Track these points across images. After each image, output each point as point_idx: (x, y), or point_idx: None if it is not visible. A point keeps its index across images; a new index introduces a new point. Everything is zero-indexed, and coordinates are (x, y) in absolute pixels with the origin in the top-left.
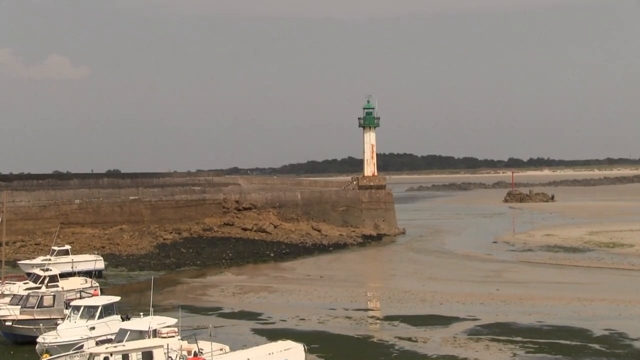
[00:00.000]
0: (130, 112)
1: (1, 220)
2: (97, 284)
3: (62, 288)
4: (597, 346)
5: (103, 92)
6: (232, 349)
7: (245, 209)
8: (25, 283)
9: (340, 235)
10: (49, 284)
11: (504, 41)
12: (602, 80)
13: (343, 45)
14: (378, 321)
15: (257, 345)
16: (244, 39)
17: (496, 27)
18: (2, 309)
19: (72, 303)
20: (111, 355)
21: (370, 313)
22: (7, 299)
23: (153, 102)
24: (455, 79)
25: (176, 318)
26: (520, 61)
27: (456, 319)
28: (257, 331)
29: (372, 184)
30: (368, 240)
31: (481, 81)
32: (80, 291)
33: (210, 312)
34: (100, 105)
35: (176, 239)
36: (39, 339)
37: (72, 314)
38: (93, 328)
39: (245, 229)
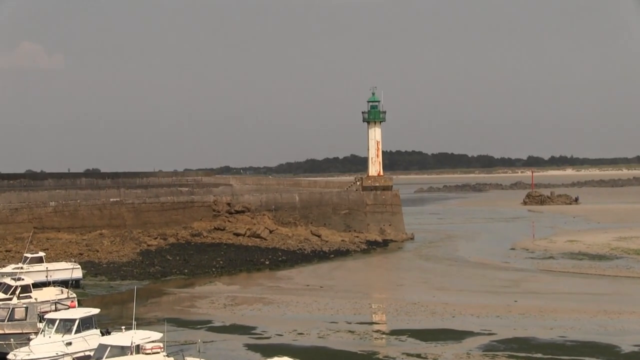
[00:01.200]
0: (110, 106)
1: None
2: (74, 295)
3: (36, 299)
4: None
5: (81, 83)
6: None
7: (237, 212)
8: None
9: (342, 241)
10: (20, 295)
11: (522, 29)
12: (630, 71)
13: (346, 32)
14: (384, 336)
15: None
16: (234, 26)
17: (513, 14)
18: None
19: (47, 316)
20: None
21: (375, 327)
22: None
23: (136, 95)
24: (469, 70)
25: (161, 332)
26: (540, 50)
27: (470, 334)
28: (250, 347)
29: (377, 184)
30: (373, 247)
31: (497, 72)
32: (56, 303)
33: (199, 326)
34: (78, 97)
35: (161, 245)
36: (10, 356)
37: (46, 327)
38: (70, 343)
39: (237, 234)
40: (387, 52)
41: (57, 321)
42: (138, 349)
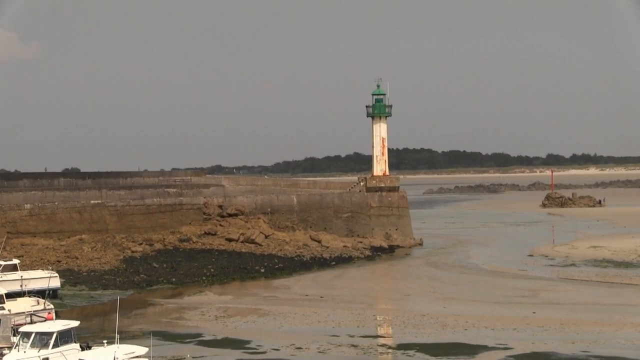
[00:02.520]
0: (91, 99)
1: None
2: (52, 306)
3: (9, 311)
4: None
5: (58, 75)
6: None
7: (230, 215)
8: None
9: (345, 246)
10: None
11: (541, 18)
12: None
13: (348, 19)
14: (390, 350)
15: None
16: (225, 13)
17: (532, 2)
18: None
19: (21, 329)
20: None
21: (381, 340)
22: None
23: (118, 87)
24: (482, 61)
25: (147, 347)
26: (560, 38)
27: (484, 348)
28: None
29: (382, 185)
30: (378, 253)
31: (513, 64)
32: (31, 314)
33: (187, 340)
34: (55, 89)
35: (147, 251)
36: None
37: (21, 342)
38: (46, 359)
39: (230, 240)
40: (394, 41)
41: (33, 335)
42: None
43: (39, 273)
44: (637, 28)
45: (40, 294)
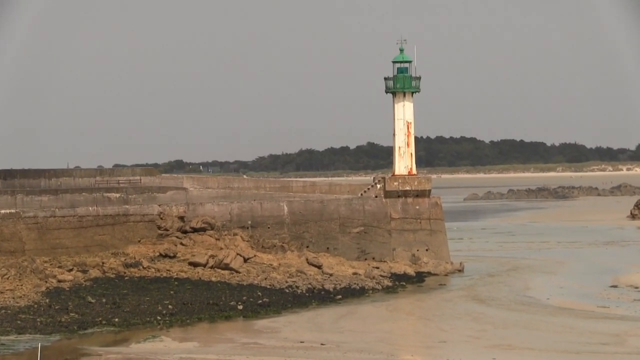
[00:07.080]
0: (4, 70)
1: None
2: None
3: None
4: None
5: None
6: None
7: (195, 230)
8: None
9: (355, 274)
10: None
11: None
12: None
13: None
14: None
15: None
16: None
17: None
18: None
19: None
20: None
21: None
22: None
23: (40, 56)
24: (545, 19)
25: None
26: None
27: None
28: None
29: (407, 188)
30: (401, 283)
31: (586, 22)
32: None
33: None
34: None
35: (79, 280)
36: None
37: None
38: None
39: (195, 265)
40: None
41: None
42: None
43: None
44: None
45: None
